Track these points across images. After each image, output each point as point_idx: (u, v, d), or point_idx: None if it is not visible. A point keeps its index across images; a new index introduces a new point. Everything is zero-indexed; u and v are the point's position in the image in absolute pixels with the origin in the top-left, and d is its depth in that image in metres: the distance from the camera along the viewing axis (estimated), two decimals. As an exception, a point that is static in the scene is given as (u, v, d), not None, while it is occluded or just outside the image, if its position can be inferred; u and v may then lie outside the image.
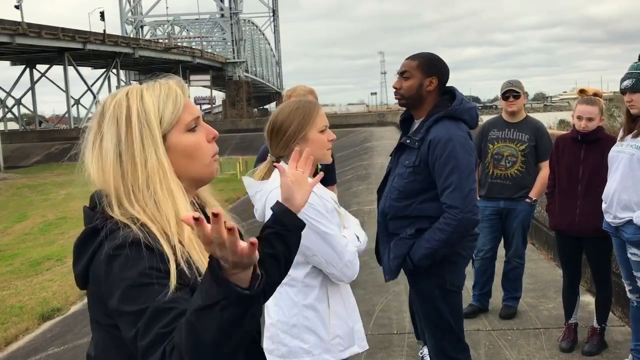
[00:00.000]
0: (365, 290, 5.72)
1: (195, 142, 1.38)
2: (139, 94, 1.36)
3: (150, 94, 1.36)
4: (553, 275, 5.80)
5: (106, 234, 1.27)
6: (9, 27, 39.25)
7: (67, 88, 51.49)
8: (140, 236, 1.24)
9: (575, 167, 3.94)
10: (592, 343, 4.07)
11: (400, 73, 2.96)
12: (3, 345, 6.97)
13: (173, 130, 1.35)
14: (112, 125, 1.34)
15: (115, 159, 1.32)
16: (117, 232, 1.26)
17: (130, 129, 1.32)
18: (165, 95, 1.36)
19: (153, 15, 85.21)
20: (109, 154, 1.33)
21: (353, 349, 2.33)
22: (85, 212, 1.38)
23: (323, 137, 2.25)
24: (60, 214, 16.62)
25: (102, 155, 1.34)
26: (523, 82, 4.80)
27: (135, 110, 1.34)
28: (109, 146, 1.33)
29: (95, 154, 1.36)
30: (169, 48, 62.24)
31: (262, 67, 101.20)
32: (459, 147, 2.77)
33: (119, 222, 1.28)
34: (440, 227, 2.79)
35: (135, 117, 1.33)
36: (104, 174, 1.34)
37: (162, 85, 1.38)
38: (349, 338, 2.28)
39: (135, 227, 1.26)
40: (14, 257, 11.68)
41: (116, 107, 1.35)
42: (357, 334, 2.33)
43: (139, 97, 1.35)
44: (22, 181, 29.34)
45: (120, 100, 1.35)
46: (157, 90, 1.37)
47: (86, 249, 1.30)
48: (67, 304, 8.25)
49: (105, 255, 1.24)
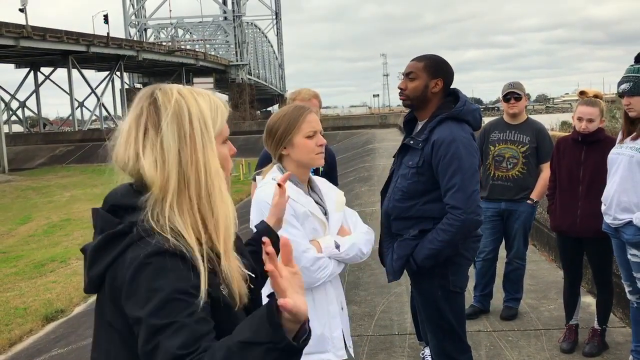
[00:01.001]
0: (367, 291, 5.74)
1: (226, 155, 1.43)
2: (192, 96, 1.36)
3: (203, 99, 1.37)
4: (554, 276, 5.81)
5: (133, 239, 1.25)
6: (14, 30, 39.41)
7: (71, 90, 51.65)
8: (175, 246, 1.23)
9: (576, 168, 3.96)
10: (593, 344, 4.08)
11: (406, 74, 2.98)
12: (7, 346, 7.00)
13: (216, 139, 1.38)
14: (173, 123, 1.31)
15: (176, 155, 1.30)
16: (149, 239, 1.24)
17: (192, 128, 1.32)
18: (215, 105, 1.39)
19: (156, 18, 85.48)
20: (171, 149, 1.30)
21: (324, 355, 2.29)
22: (102, 215, 1.35)
23: (310, 142, 2.32)
24: (64, 216, 16.67)
25: (163, 151, 1.30)
26: (525, 83, 4.81)
27: (195, 111, 1.34)
28: (170, 142, 1.30)
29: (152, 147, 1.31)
30: (173, 51, 62.38)
31: (265, 70, 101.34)
32: (462, 148, 2.79)
33: (150, 228, 1.25)
34: (444, 228, 2.81)
35: (195, 116, 1.33)
36: (164, 170, 1.29)
37: (211, 96, 1.41)
38: (316, 344, 2.20)
39: (168, 235, 1.24)
40: (18, 259, 11.72)
41: (175, 105, 1.33)
42: (332, 341, 2.30)
43: (194, 100, 1.36)
44: (27, 183, 29.42)
45: (177, 99, 1.34)
46: (208, 99, 1.39)
47: (107, 253, 1.28)
48: (70, 305, 8.29)
49: (136, 262, 1.22)
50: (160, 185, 1.29)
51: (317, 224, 2.31)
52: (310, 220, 2.29)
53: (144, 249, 1.23)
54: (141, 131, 1.33)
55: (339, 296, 2.44)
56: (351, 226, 2.49)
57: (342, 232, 2.44)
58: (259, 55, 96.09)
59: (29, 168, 39.69)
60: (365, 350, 4.38)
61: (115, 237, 1.28)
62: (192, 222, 1.29)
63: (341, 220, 2.45)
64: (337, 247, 2.33)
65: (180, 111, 1.33)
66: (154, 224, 1.26)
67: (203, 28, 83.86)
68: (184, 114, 1.33)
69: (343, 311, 2.45)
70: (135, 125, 1.34)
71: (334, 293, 2.38)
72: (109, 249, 1.28)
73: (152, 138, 1.32)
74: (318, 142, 2.34)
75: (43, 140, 47.88)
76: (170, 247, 1.23)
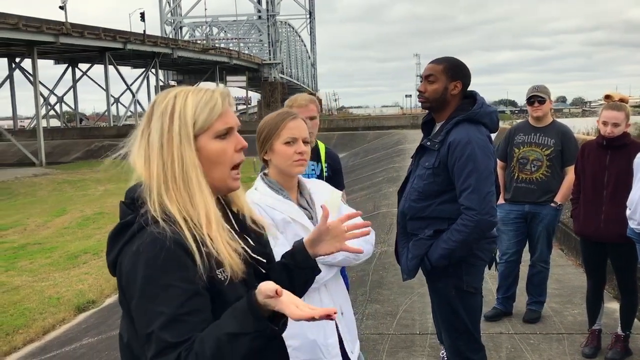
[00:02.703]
0: (391, 290, 5.78)
1: (220, 149, 1.47)
2: (185, 95, 1.47)
3: (193, 97, 1.46)
4: (580, 281, 5.75)
5: (135, 230, 1.38)
6: (54, 27, 40.27)
7: (107, 87, 52.53)
8: (169, 235, 1.33)
9: (601, 172, 3.94)
10: (616, 350, 4.06)
11: (425, 77, 3.02)
12: (41, 334, 7.21)
13: (203, 134, 1.45)
14: (158, 120, 1.45)
15: (159, 150, 1.43)
16: (147, 228, 1.36)
17: (172, 124, 1.43)
18: (205, 102, 1.45)
19: (192, 17, 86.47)
20: (154, 145, 1.43)
21: None
22: (121, 207, 1.48)
23: (288, 150, 2.26)
24: (97, 209, 17.03)
25: (148, 146, 1.44)
26: (561, 86, 5.06)
27: (178, 108, 1.44)
28: (154, 138, 1.44)
29: (142, 145, 1.46)
30: (207, 49, 62.94)
31: (297, 69, 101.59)
32: (478, 149, 2.82)
33: (150, 218, 1.37)
34: (458, 229, 2.84)
35: (177, 114, 1.44)
36: (149, 164, 1.43)
37: (206, 91, 1.49)
38: (309, 351, 2.21)
39: (165, 224, 1.35)
40: (53, 250, 12.02)
41: (164, 104, 1.46)
42: (327, 348, 2.24)
43: (184, 98, 1.46)
44: (63, 177, 30.08)
45: (169, 99, 1.47)
46: (200, 95, 1.47)
47: (118, 241, 1.41)
48: (101, 296, 8.49)
49: (133, 251, 1.35)
50: (148, 178, 1.43)
51: (299, 230, 2.22)
52: (292, 226, 2.23)
53: (142, 238, 1.35)
54: (140, 132, 1.49)
55: (337, 300, 2.34)
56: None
57: None
58: (291, 54, 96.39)
59: (65, 162, 40.54)
60: (385, 348, 4.42)
61: (123, 227, 1.42)
62: (178, 211, 1.39)
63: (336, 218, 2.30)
64: None
65: (165, 110, 1.46)
66: (153, 213, 1.38)
67: (237, 27, 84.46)
68: (167, 112, 1.45)
69: (343, 316, 2.35)
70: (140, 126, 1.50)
71: (330, 298, 2.31)
72: (119, 237, 1.41)
73: (145, 136, 1.47)
74: (297, 149, 2.26)
75: (79, 134, 48.88)
76: (164, 233, 1.34)
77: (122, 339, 1.48)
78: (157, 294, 1.30)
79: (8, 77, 47.13)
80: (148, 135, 1.45)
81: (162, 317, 1.28)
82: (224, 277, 1.39)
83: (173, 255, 1.32)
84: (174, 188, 1.41)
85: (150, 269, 1.31)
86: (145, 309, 1.30)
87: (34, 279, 9.75)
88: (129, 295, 1.35)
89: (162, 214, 1.37)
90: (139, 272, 1.32)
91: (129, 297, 1.35)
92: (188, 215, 1.39)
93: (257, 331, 1.26)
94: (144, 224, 1.36)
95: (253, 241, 1.55)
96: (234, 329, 1.26)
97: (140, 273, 1.32)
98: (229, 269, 1.39)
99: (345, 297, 2.45)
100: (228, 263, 1.38)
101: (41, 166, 38.04)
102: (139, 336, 1.33)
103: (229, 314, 1.30)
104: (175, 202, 1.39)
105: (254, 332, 1.26)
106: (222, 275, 1.39)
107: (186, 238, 1.34)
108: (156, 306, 1.29)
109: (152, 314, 1.29)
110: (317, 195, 2.37)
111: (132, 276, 1.33)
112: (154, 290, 1.30)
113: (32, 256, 11.57)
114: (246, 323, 1.26)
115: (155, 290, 1.30)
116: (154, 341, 1.28)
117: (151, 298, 1.30)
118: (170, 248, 1.32)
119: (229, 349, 1.25)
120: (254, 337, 1.26)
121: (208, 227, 1.39)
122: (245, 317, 1.27)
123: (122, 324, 1.48)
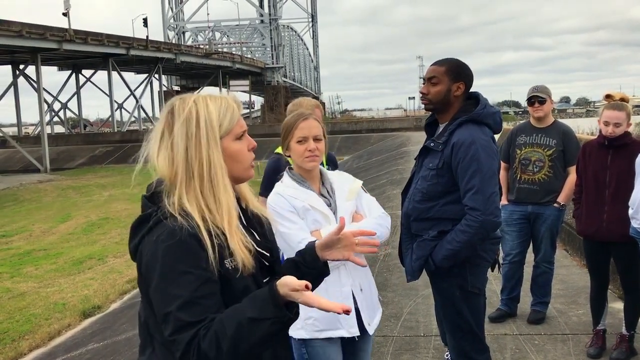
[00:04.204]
0: (395, 292, 5.79)
1: (240, 149, 1.66)
2: (205, 102, 1.63)
3: (214, 104, 1.63)
4: (584, 281, 5.73)
5: (154, 222, 1.54)
6: (57, 33, 40.39)
7: (110, 92, 52.63)
8: (185, 227, 1.50)
9: (602, 172, 3.94)
10: (621, 350, 4.05)
11: (428, 78, 3.03)
12: (47, 340, 7.23)
13: (226, 137, 1.63)
14: (183, 126, 1.59)
15: (184, 153, 1.57)
16: (165, 221, 1.52)
17: (199, 129, 1.59)
18: (226, 108, 1.64)
19: (194, 22, 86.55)
20: (180, 149, 1.58)
21: (337, 332, 2.53)
22: (143, 200, 1.65)
23: (300, 147, 2.60)
24: (102, 215, 17.05)
25: (172, 150, 1.58)
26: (564, 87, 5.07)
27: (203, 115, 1.60)
28: (179, 143, 1.58)
29: (165, 148, 1.60)
30: (210, 54, 63.05)
31: (300, 72, 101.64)
32: (481, 150, 2.83)
33: (167, 212, 1.54)
34: (462, 229, 2.85)
35: (203, 120, 1.60)
36: (173, 166, 1.58)
37: (223, 99, 1.67)
38: (327, 321, 2.51)
39: (181, 218, 1.51)
40: (58, 256, 12.06)
41: (187, 111, 1.60)
42: (346, 320, 2.50)
43: (205, 105, 1.62)
44: (67, 183, 30.18)
45: (190, 107, 1.61)
46: (219, 102, 1.65)
47: (139, 231, 1.58)
48: (107, 302, 8.52)
49: (152, 240, 1.51)
50: (170, 178, 1.59)
51: (318, 216, 2.54)
52: (311, 212, 2.54)
53: (161, 229, 1.52)
54: (159, 135, 1.63)
55: (357, 278, 2.59)
56: (366, 211, 2.65)
57: (356, 218, 2.61)
58: (294, 57, 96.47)
59: (70, 168, 40.64)
60: (390, 350, 4.43)
61: (144, 219, 1.59)
62: (198, 207, 1.55)
63: (352, 209, 2.63)
64: None
65: (189, 116, 1.61)
66: (171, 209, 1.54)
67: (240, 31, 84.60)
68: (192, 119, 1.60)
69: (363, 292, 2.60)
70: (156, 131, 1.65)
71: (348, 276, 2.56)
72: (141, 228, 1.59)
73: (166, 140, 1.61)
74: (307, 147, 2.58)
75: (83, 140, 49.01)
76: (181, 226, 1.50)
77: (140, 317, 1.65)
78: (174, 279, 1.46)
79: (12, 84, 47.24)
80: (171, 140, 1.59)
81: (178, 300, 1.45)
82: (232, 266, 1.54)
83: (188, 246, 1.48)
84: (197, 187, 1.56)
85: (168, 257, 1.48)
86: (163, 292, 1.47)
87: (40, 285, 9.79)
88: (149, 279, 1.51)
89: (180, 210, 1.53)
90: (158, 260, 1.48)
91: (148, 281, 1.51)
92: (208, 211, 1.54)
93: (276, 317, 1.43)
94: (163, 217, 1.53)
95: (258, 235, 1.70)
96: (255, 314, 1.42)
97: (159, 261, 1.48)
98: (241, 264, 1.54)
99: (364, 274, 2.67)
100: (240, 259, 1.54)
101: (46, 172, 38.15)
102: (157, 316, 1.49)
103: (250, 300, 1.46)
104: (195, 200, 1.55)
105: (273, 318, 1.42)
106: (230, 265, 1.54)
107: (201, 232, 1.50)
108: (173, 289, 1.46)
109: (170, 297, 1.46)
110: (337, 185, 2.67)
111: (152, 264, 1.50)
112: (171, 275, 1.47)
113: (37, 262, 11.61)
114: (266, 310, 1.42)
115: (172, 276, 1.47)
116: (172, 320, 1.44)
117: (169, 282, 1.47)
118: (186, 239, 1.48)
119: (249, 332, 1.41)
120: (272, 322, 1.43)
121: (228, 224, 1.55)
122: (266, 305, 1.43)
123: (141, 304, 1.65)
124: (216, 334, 1.41)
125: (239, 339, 1.41)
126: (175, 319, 1.44)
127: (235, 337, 1.41)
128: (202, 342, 1.42)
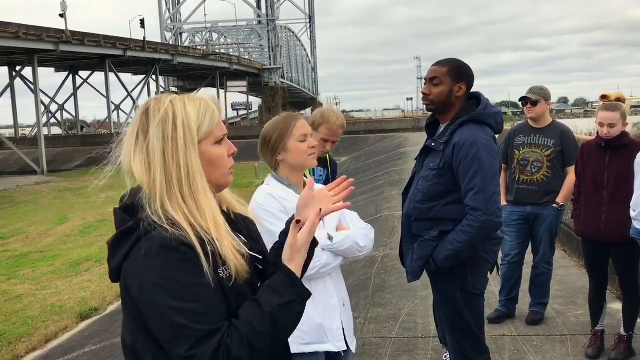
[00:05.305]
0: (393, 294, 5.77)
1: (220, 154, 1.54)
2: (183, 103, 1.50)
3: (192, 105, 1.51)
4: (583, 282, 5.72)
5: (140, 235, 1.40)
6: (54, 35, 40.32)
7: (107, 94, 52.54)
8: (176, 237, 1.38)
9: (600, 173, 3.93)
10: (619, 350, 4.04)
11: (429, 79, 3.02)
12: (44, 342, 7.21)
13: (205, 141, 1.51)
14: (159, 128, 1.46)
15: (161, 156, 1.45)
16: (153, 232, 1.39)
17: (175, 131, 1.46)
18: (205, 110, 1.52)
19: (192, 23, 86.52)
20: (156, 152, 1.45)
21: (324, 346, 2.45)
22: (117, 214, 1.51)
23: (302, 146, 2.53)
24: (99, 217, 17.02)
25: (148, 154, 1.46)
26: (563, 87, 5.02)
27: (180, 116, 1.48)
28: (155, 145, 1.46)
29: (140, 152, 1.47)
30: (207, 55, 62.98)
31: (298, 73, 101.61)
32: (483, 150, 2.82)
33: (152, 222, 1.40)
34: (463, 229, 2.84)
35: (180, 122, 1.47)
36: (150, 171, 1.45)
37: (202, 100, 1.54)
38: (315, 334, 2.42)
39: (170, 227, 1.39)
40: (55, 258, 12.02)
41: (163, 112, 1.48)
42: (332, 332, 2.44)
43: (183, 106, 1.50)
44: (64, 184, 30.10)
45: (166, 107, 1.49)
46: (197, 103, 1.52)
47: (121, 247, 1.43)
48: (104, 304, 8.49)
49: (142, 255, 1.38)
50: (148, 184, 1.46)
51: None
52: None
53: (149, 242, 1.39)
54: (133, 138, 1.50)
55: (341, 292, 2.55)
56: (350, 224, 2.61)
57: (340, 229, 2.57)
58: (292, 58, 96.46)
59: (67, 169, 40.57)
60: (388, 352, 4.41)
61: (125, 233, 1.44)
62: (183, 214, 1.43)
63: (338, 217, 2.58)
64: (330, 238, 2.45)
65: (166, 117, 1.48)
66: (155, 218, 1.41)
67: (237, 32, 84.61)
68: (168, 120, 1.47)
69: (345, 307, 2.55)
70: (130, 133, 1.52)
71: (334, 287, 2.51)
72: (122, 243, 1.44)
73: (141, 143, 1.48)
74: (309, 144, 2.54)
75: (80, 142, 48.90)
76: (172, 236, 1.38)
77: (125, 343, 1.50)
78: (179, 291, 1.35)
79: (9, 86, 47.16)
80: (146, 143, 1.47)
81: (189, 312, 1.35)
82: (226, 275, 1.44)
83: (186, 256, 1.38)
84: (178, 193, 1.44)
85: (166, 270, 1.36)
86: (169, 308, 1.35)
87: (36, 287, 9.76)
88: (143, 298, 1.37)
89: (166, 219, 1.40)
90: (156, 275, 1.36)
91: (143, 300, 1.38)
92: (194, 219, 1.43)
93: (300, 296, 1.45)
94: (149, 228, 1.40)
95: (245, 237, 1.59)
96: (283, 299, 1.42)
97: (158, 275, 1.36)
98: (234, 271, 1.45)
99: (346, 292, 2.64)
100: (234, 265, 1.45)
101: (43, 174, 38.05)
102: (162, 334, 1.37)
103: (268, 290, 1.44)
104: (180, 207, 1.43)
105: (298, 298, 1.45)
106: (224, 273, 1.44)
107: (192, 240, 1.39)
108: (181, 303, 1.35)
109: (179, 311, 1.34)
110: None
111: (147, 280, 1.37)
112: (174, 288, 1.35)
113: (34, 264, 11.57)
114: (290, 292, 1.44)
115: (176, 289, 1.35)
116: (188, 334, 1.34)
117: (174, 296, 1.35)
118: (181, 249, 1.37)
119: (284, 318, 1.41)
120: (299, 302, 1.45)
121: (215, 230, 1.44)
122: (287, 288, 1.44)
123: (125, 328, 1.50)
124: (247, 336, 1.36)
125: (275, 329, 1.39)
126: (192, 331, 1.33)
127: (270, 329, 1.38)
128: (232, 348, 1.34)
